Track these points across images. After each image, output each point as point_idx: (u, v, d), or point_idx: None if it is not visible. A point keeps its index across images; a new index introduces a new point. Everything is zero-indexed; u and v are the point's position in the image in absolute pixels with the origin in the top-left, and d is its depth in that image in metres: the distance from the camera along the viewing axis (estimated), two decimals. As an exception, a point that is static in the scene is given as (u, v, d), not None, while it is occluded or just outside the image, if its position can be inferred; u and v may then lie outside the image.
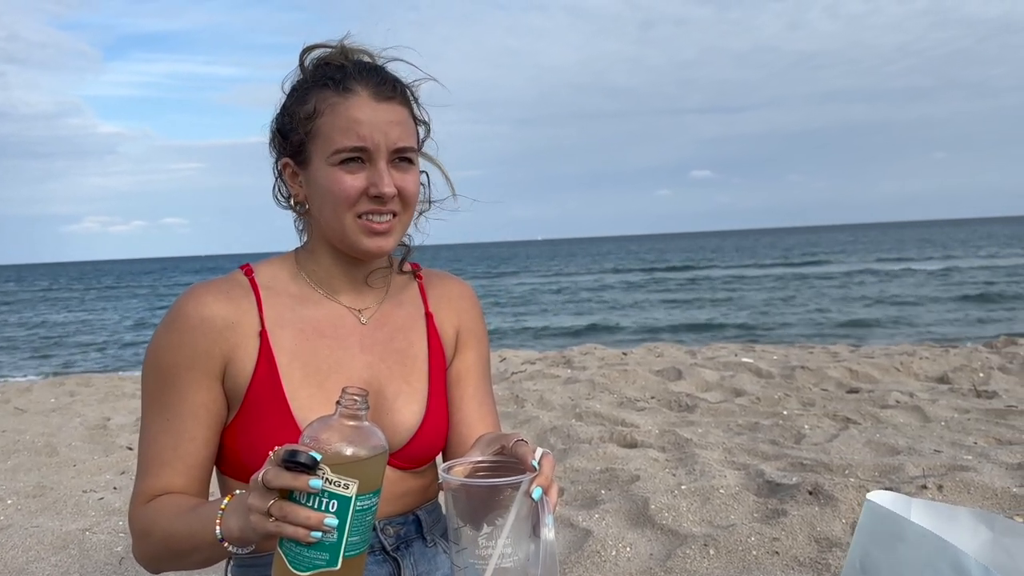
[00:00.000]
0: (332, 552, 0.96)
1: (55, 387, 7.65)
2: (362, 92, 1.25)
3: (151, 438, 1.26)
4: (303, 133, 1.27)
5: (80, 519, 3.53)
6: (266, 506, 0.96)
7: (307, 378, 1.28)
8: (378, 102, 1.25)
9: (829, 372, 5.90)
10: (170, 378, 1.24)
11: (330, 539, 0.96)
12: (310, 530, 0.94)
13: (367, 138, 1.23)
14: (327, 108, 1.25)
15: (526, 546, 1.04)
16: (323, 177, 1.26)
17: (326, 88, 1.26)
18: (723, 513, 3.08)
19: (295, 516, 0.94)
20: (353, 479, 0.96)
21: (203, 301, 1.27)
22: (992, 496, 3.12)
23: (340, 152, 1.23)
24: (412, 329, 1.41)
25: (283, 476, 0.94)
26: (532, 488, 1.03)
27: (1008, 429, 4.18)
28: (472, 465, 1.15)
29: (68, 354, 18.89)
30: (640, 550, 2.80)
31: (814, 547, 2.72)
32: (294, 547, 0.96)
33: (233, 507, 1.06)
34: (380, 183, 1.24)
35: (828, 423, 4.53)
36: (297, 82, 1.31)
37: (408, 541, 1.39)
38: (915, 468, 3.50)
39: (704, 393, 5.59)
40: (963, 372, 5.80)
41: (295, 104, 1.29)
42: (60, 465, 4.48)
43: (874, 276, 32.34)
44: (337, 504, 0.95)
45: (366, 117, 1.24)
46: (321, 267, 1.36)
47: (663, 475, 3.57)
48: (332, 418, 0.99)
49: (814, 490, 3.15)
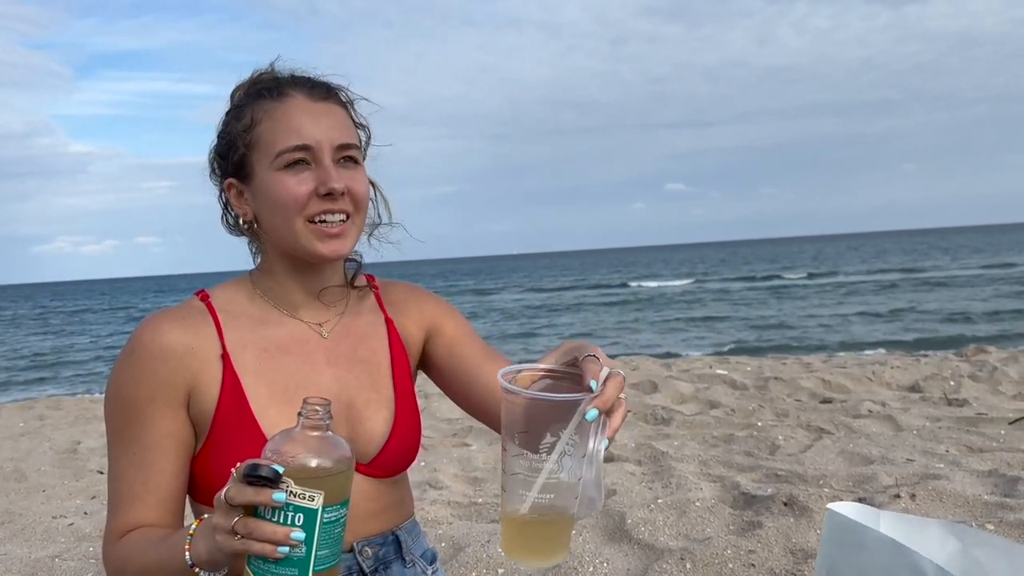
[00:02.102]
0: (301, 567, 0.95)
1: (24, 411, 7.53)
2: (297, 95, 1.25)
3: (119, 473, 1.23)
4: (243, 147, 1.25)
5: (50, 545, 3.46)
6: (231, 524, 0.94)
7: (274, 396, 1.26)
8: (315, 102, 1.26)
9: (802, 383, 5.95)
10: (133, 411, 1.22)
11: (298, 554, 0.94)
12: (277, 545, 0.92)
13: (308, 136, 1.22)
14: (264, 115, 1.24)
15: (580, 467, 0.99)
16: (268, 185, 1.24)
17: (260, 98, 1.26)
18: (699, 526, 3.09)
19: (260, 532, 0.92)
20: (318, 491, 0.94)
21: (160, 330, 1.24)
22: (964, 504, 3.15)
23: (283, 154, 1.22)
24: (373, 337, 1.41)
25: (245, 492, 0.92)
26: (588, 408, 0.96)
27: (979, 437, 4.23)
28: (542, 372, 1.08)
29: (38, 376, 18.60)
30: (617, 565, 2.80)
31: (789, 559, 2.73)
32: (262, 564, 0.94)
33: (201, 531, 1.03)
34: (328, 179, 1.22)
35: (802, 434, 4.57)
36: (232, 104, 1.31)
37: (387, 563, 1.37)
38: (888, 477, 3.53)
39: (679, 406, 5.61)
40: (934, 381, 5.87)
41: (231, 122, 1.28)
42: (29, 491, 4.40)
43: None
44: (303, 517, 0.93)
45: (305, 116, 1.23)
46: (278, 283, 1.34)
47: (639, 489, 3.58)
48: (294, 430, 0.97)
49: (789, 501, 3.16)
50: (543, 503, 0.99)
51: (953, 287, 28.86)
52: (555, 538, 1.03)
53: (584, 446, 0.99)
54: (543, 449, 0.99)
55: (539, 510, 0.99)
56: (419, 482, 3.97)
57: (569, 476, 0.99)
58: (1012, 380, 5.78)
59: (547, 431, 0.99)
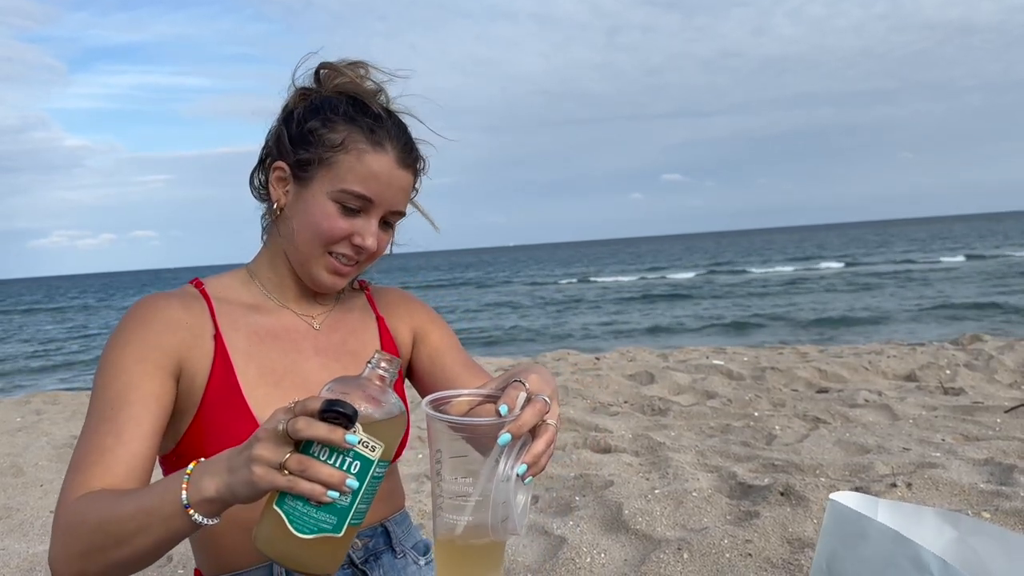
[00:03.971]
0: (340, 516, 0.91)
1: (21, 405, 7.51)
2: (391, 152, 1.29)
3: (92, 428, 1.17)
4: (317, 157, 1.28)
5: (47, 541, 3.46)
6: (281, 458, 0.89)
7: (263, 377, 1.28)
8: (399, 168, 1.30)
9: (799, 372, 5.96)
10: (119, 373, 1.19)
11: (343, 503, 0.90)
12: (328, 489, 0.89)
13: (377, 195, 1.28)
14: (354, 150, 1.27)
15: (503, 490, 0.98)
16: (317, 205, 1.27)
17: (359, 130, 1.28)
18: (696, 516, 3.10)
19: (316, 472, 0.88)
20: (380, 442, 0.91)
21: (155, 304, 1.27)
22: (960, 492, 3.16)
23: (347, 193, 1.26)
24: (364, 331, 1.44)
25: (317, 427, 0.87)
26: (501, 433, 0.97)
27: (975, 425, 4.24)
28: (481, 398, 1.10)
29: (35, 371, 18.57)
30: (614, 556, 2.81)
31: (786, 548, 2.74)
32: (301, 506, 0.90)
33: (206, 468, 0.97)
34: (366, 236, 1.28)
35: (798, 423, 4.58)
36: (323, 102, 1.31)
37: (377, 553, 1.39)
38: (884, 467, 3.54)
39: (676, 396, 5.61)
40: (930, 370, 5.89)
41: (320, 126, 1.28)
42: (26, 486, 4.40)
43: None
44: (359, 466, 0.90)
45: (385, 177, 1.28)
46: (276, 275, 1.38)
47: (637, 480, 3.58)
48: (361, 377, 0.94)
49: (786, 491, 3.17)
50: (471, 527, 0.99)
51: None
52: (486, 562, 1.03)
53: (505, 469, 0.99)
54: (467, 474, 1.00)
55: (469, 534, 0.99)
56: (416, 474, 3.98)
57: (494, 500, 0.98)
58: (1008, 368, 5.80)
59: (470, 459, 1.00)
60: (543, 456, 0.99)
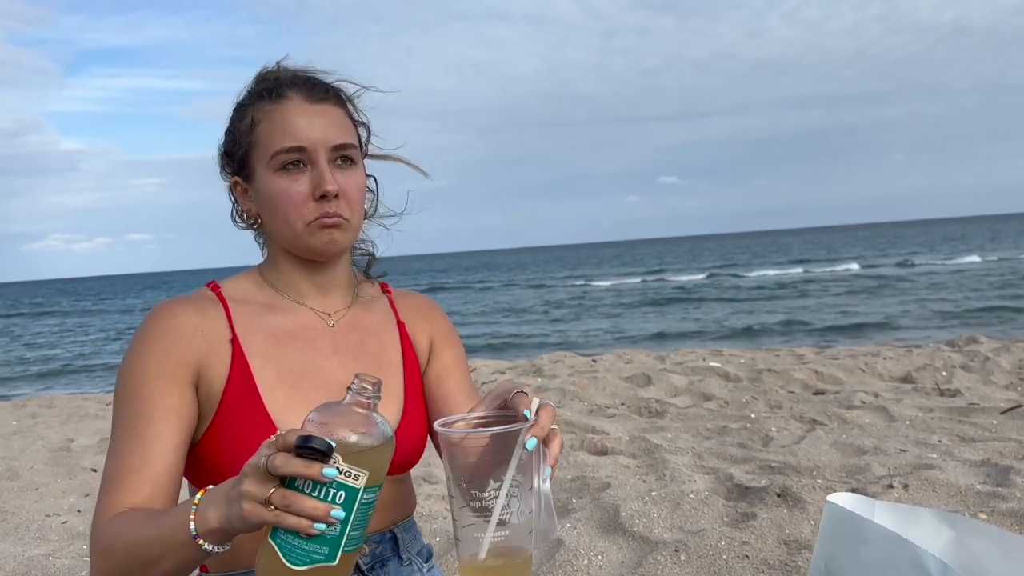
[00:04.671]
0: (332, 546, 0.91)
1: (16, 409, 7.50)
2: (295, 96, 1.27)
3: (117, 448, 1.20)
4: (245, 147, 1.29)
5: (43, 544, 3.45)
6: (266, 493, 0.90)
7: (281, 379, 1.27)
8: (312, 103, 1.27)
9: (795, 374, 5.96)
10: (140, 386, 1.21)
11: (332, 532, 0.90)
12: (314, 522, 0.89)
13: (303, 138, 1.24)
14: (263, 116, 1.27)
15: (529, 499, 1.00)
16: (267, 185, 1.27)
17: (261, 99, 1.28)
18: (693, 518, 3.10)
19: (300, 506, 0.89)
20: (364, 470, 0.90)
21: (172, 311, 1.27)
22: (957, 494, 3.16)
23: (278, 154, 1.24)
24: (384, 334, 1.42)
25: (293, 463, 0.88)
26: (526, 438, 0.99)
27: (971, 427, 4.25)
28: (474, 420, 1.10)
29: (32, 374, 18.53)
30: (612, 558, 2.80)
31: (783, 549, 2.74)
32: (291, 539, 0.90)
33: (210, 499, 0.99)
34: (323, 182, 1.24)
35: (795, 425, 4.58)
36: (237, 104, 1.34)
37: (384, 560, 1.37)
38: (881, 468, 3.54)
39: (673, 398, 5.62)
40: (926, 371, 5.89)
41: (235, 121, 1.31)
42: (22, 489, 4.39)
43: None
44: (345, 496, 0.90)
45: (301, 118, 1.26)
46: (284, 275, 1.36)
47: (634, 482, 3.58)
48: (342, 404, 0.93)
49: (782, 492, 3.17)
50: (499, 544, 0.99)
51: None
52: None
53: (529, 478, 1.00)
54: (490, 491, 0.99)
55: (497, 552, 0.99)
56: (414, 476, 3.98)
57: (519, 512, 0.99)
58: (1004, 370, 5.81)
59: (490, 475, 1.00)
60: (558, 459, 1.02)
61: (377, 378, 0.95)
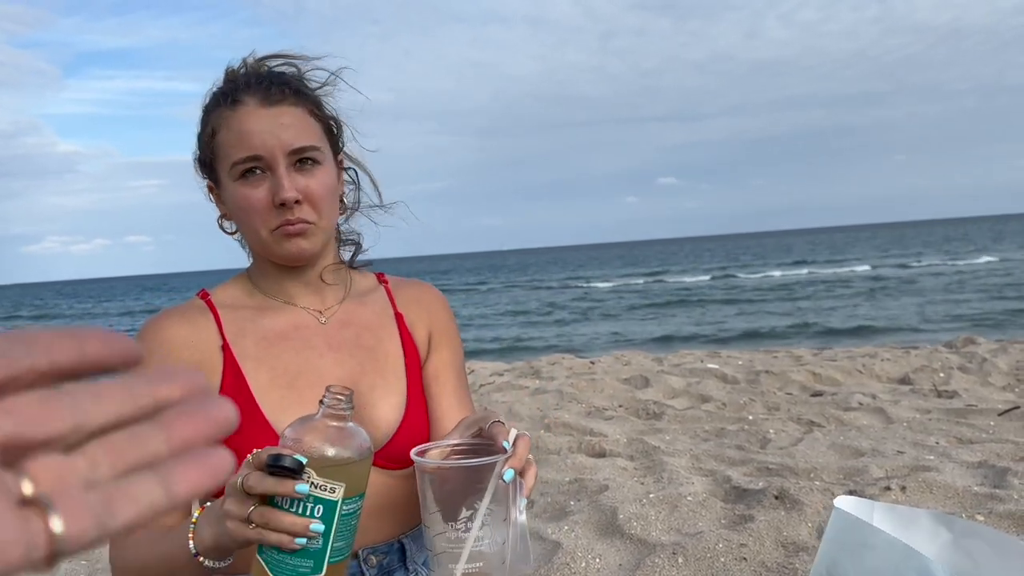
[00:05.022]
0: (317, 559, 0.93)
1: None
2: (250, 101, 1.23)
3: None
4: (209, 154, 1.27)
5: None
6: (245, 512, 0.92)
7: (275, 380, 1.27)
8: (267, 107, 1.23)
9: (793, 376, 5.96)
10: None
11: (315, 545, 0.92)
12: (295, 537, 0.91)
13: (259, 146, 1.21)
14: (221, 124, 1.24)
15: (503, 530, 1.01)
16: (231, 194, 1.25)
17: (219, 105, 1.25)
18: (691, 520, 3.09)
19: (278, 523, 0.90)
20: (339, 483, 0.92)
21: (159, 326, 1.27)
22: (954, 495, 3.16)
23: (237, 165, 1.22)
24: (381, 327, 1.39)
25: (266, 482, 0.90)
26: (504, 470, 1.00)
27: (968, 428, 4.24)
28: (449, 448, 1.11)
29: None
30: (609, 560, 2.80)
31: (781, 552, 2.74)
32: (276, 554, 0.92)
33: (205, 518, 1.01)
34: (280, 190, 1.20)
35: (793, 427, 4.58)
36: (202, 108, 1.31)
37: (390, 571, 1.34)
38: (879, 470, 3.54)
39: (671, 400, 5.61)
40: (924, 373, 5.89)
41: (200, 128, 1.29)
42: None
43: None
44: (323, 509, 0.91)
45: (255, 124, 1.22)
46: (270, 278, 1.35)
47: (631, 484, 3.58)
48: (315, 418, 0.94)
49: (780, 495, 3.17)
50: (472, 574, 0.99)
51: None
52: None
53: (504, 509, 1.00)
54: (462, 519, 1.00)
55: None
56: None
57: (493, 542, 1.00)
58: (1001, 371, 5.81)
59: (463, 503, 1.01)
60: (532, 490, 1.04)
61: (348, 389, 0.95)
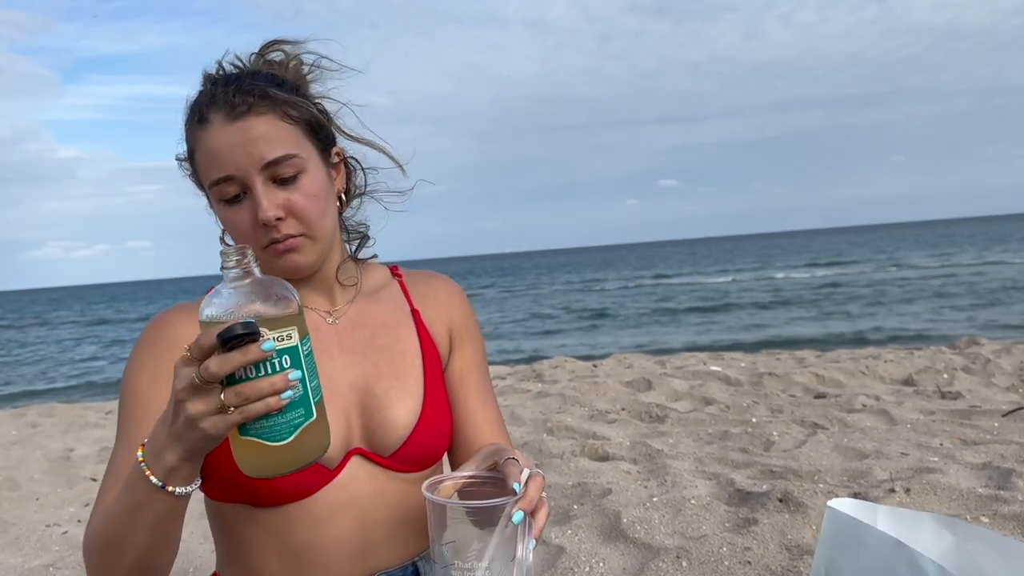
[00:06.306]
0: (304, 404, 0.92)
1: (16, 418, 7.49)
2: (215, 118, 1.16)
3: (113, 454, 1.19)
4: (194, 174, 1.24)
5: (43, 555, 3.45)
6: (217, 402, 0.88)
7: None
8: (232, 122, 1.15)
9: (796, 378, 5.95)
10: (136, 394, 1.20)
11: (298, 393, 0.91)
12: (278, 394, 0.88)
13: (229, 166, 1.15)
14: (195, 144, 1.19)
15: (510, 569, 1.01)
16: (218, 214, 1.22)
17: (191, 122, 1.20)
18: (695, 524, 3.09)
19: (258, 390, 0.87)
20: (291, 327, 0.91)
21: (166, 320, 1.26)
22: (959, 497, 3.15)
23: (213, 187, 1.18)
24: (397, 326, 1.35)
25: (230, 359, 0.86)
26: (513, 511, 1.00)
27: (972, 429, 4.24)
28: (463, 481, 1.11)
29: (28, 384, 18.50)
30: (613, 565, 2.80)
31: (785, 555, 2.73)
32: (265, 422, 0.90)
33: (156, 450, 0.96)
34: (259, 210, 1.14)
35: (796, 429, 4.57)
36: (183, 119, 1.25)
37: None
38: (883, 471, 3.53)
39: (674, 403, 5.61)
40: (927, 374, 5.88)
41: (184, 143, 1.24)
42: (22, 499, 4.38)
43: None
44: (289, 358, 0.90)
45: (223, 142, 1.15)
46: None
47: (635, 487, 3.57)
48: (226, 287, 0.92)
49: (784, 497, 3.16)
50: None
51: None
52: None
53: (512, 549, 1.01)
54: (471, 557, 1.01)
55: None
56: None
57: None
58: (1005, 372, 5.79)
59: (473, 540, 1.01)
60: (543, 531, 1.03)
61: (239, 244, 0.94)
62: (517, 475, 1.03)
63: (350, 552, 1.25)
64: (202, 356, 0.88)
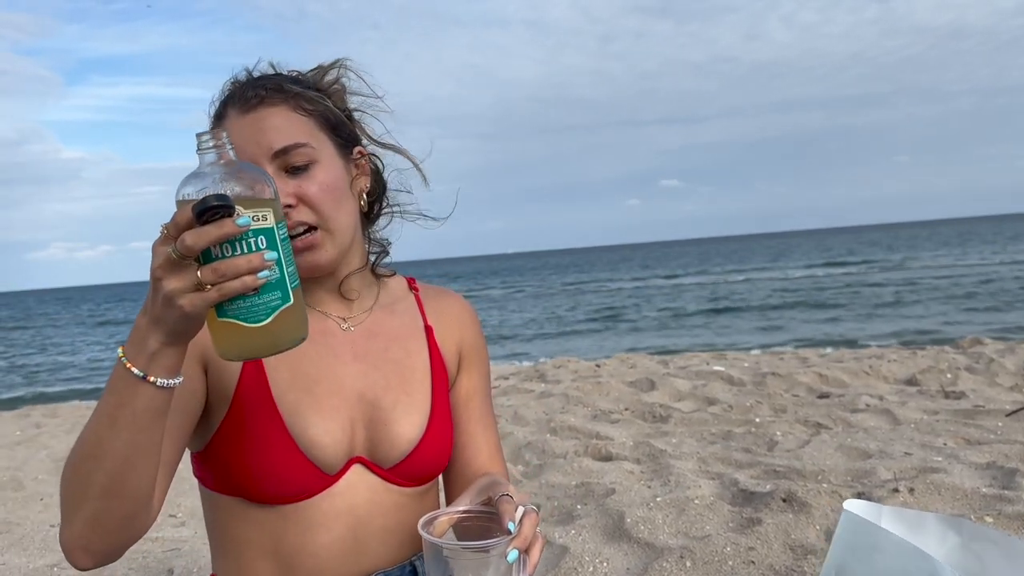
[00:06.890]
0: (281, 287, 0.92)
1: (20, 419, 7.50)
2: (231, 112, 1.20)
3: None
4: None
5: (48, 555, 3.45)
6: (193, 279, 0.87)
7: (295, 381, 1.23)
8: (245, 114, 1.19)
9: (799, 378, 5.95)
10: None
11: (275, 275, 0.90)
12: (255, 272, 0.87)
13: (241, 156, 1.15)
14: None
15: None
16: None
17: (213, 120, 1.24)
18: (698, 524, 3.09)
19: (234, 268, 0.87)
20: (266, 208, 0.91)
21: None
22: (963, 497, 3.15)
23: None
24: (410, 340, 1.36)
25: (206, 232, 0.85)
26: (508, 550, 1.01)
27: (976, 429, 4.23)
28: (458, 515, 1.13)
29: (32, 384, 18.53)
30: (617, 565, 2.80)
31: (789, 555, 2.73)
32: (242, 302, 0.90)
33: (135, 338, 0.94)
34: None
35: (800, 429, 4.57)
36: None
37: None
38: (886, 471, 3.53)
39: (677, 403, 5.61)
40: (931, 374, 5.88)
41: None
42: (27, 500, 4.39)
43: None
44: (264, 239, 0.90)
45: (237, 134, 1.17)
46: None
47: (638, 487, 3.57)
48: (204, 167, 0.91)
49: (788, 497, 3.16)
50: None
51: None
52: None
53: None
54: None
55: None
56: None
57: None
58: (1009, 372, 5.79)
59: (479, 571, 1.03)
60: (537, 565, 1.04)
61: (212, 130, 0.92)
62: (512, 513, 1.05)
63: (343, 557, 1.25)
64: (178, 233, 0.87)
